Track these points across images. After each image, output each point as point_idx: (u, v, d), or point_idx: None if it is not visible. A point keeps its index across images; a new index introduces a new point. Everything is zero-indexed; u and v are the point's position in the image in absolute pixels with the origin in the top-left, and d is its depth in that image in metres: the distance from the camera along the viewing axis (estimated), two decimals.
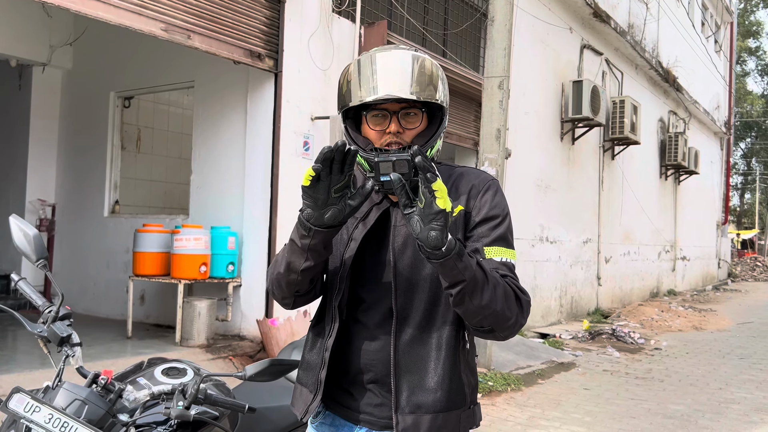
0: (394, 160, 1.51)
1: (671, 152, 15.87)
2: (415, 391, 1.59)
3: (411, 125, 1.61)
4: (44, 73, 8.19)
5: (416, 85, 1.57)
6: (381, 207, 1.69)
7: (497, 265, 1.57)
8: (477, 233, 1.61)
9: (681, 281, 17.87)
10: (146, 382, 2.27)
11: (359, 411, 1.67)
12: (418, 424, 1.58)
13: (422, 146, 1.60)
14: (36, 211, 8.06)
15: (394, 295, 1.60)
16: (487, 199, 1.64)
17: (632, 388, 6.66)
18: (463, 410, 1.62)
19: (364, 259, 1.67)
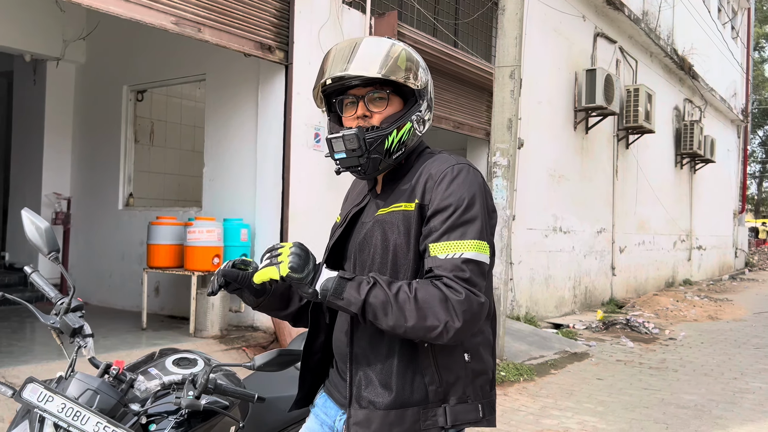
0: (343, 136, 1.59)
1: (687, 140, 15.71)
2: (369, 385, 1.59)
3: (377, 108, 1.63)
4: (58, 68, 8.26)
5: (372, 64, 1.58)
6: (358, 207, 1.75)
7: (439, 263, 1.51)
8: (428, 227, 1.56)
9: (697, 271, 17.73)
10: (157, 372, 2.30)
11: (345, 396, 1.68)
12: (369, 419, 1.57)
13: (386, 127, 1.61)
14: (51, 204, 8.15)
15: None
16: (440, 190, 1.57)
17: (646, 378, 6.63)
18: (425, 407, 1.57)
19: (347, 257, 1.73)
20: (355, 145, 1.58)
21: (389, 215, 1.62)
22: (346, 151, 1.60)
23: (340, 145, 1.60)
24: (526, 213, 9.37)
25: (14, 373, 4.42)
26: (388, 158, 1.63)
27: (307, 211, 6.35)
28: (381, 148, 1.61)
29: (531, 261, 9.70)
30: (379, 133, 1.60)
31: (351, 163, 1.62)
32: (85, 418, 1.88)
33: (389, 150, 1.62)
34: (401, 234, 1.59)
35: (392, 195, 1.66)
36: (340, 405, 1.71)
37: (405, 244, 1.59)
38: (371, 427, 1.57)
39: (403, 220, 1.59)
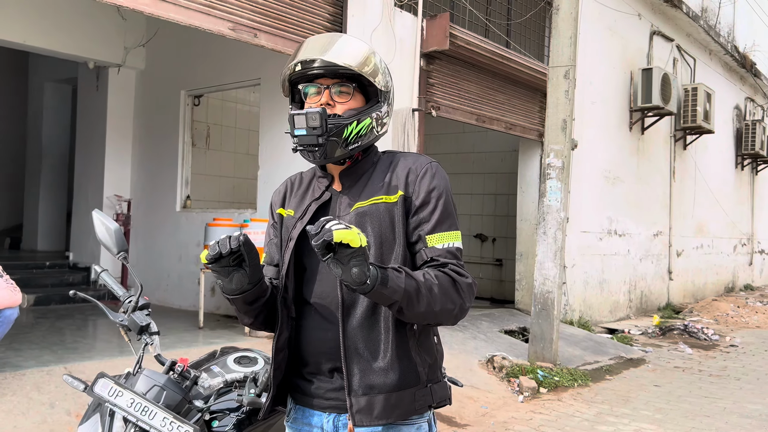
0: (306, 113, 1.63)
1: (748, 141, 15.16)
2: (367, 373, 1.63)
3: (342, 99, 1.70)
4: (119, 74, 8.55)
5: (346, 57, 1.65)
6: (320, 201, 1.76)
7: (440, 252, 1.64)
8: (418, 218, 1.67)
9: (759, 276, 17.09)
10: (219, 370, 2.36)
11: (324, 398, 1.70)
12: (371, 404, 1.62)
13: (347, 117, 1.67)
14: (113, 206, 8.43)
15: (339, 285, 1.64)
16: (425, 182, 1.68)
17: (706, 385, 6.44)
18: (418, 388, 1.66)
19: (309, 253, 1.70)
20: (317, 123, 1.62)
21: (371, 207, 1.67)
22: (306, 129, 1.64)
23: (302, 122, 1.64)
24: (579, 215, 9.21)
25: (80, 369, 4.58)
26: (344, 147, 1.68)
27: None
28: (339, 135, 1.66)
29: (585, 264, 9.52)
30: (340, 120, 1.66)
31: (309, 141, 1.64)
32: (152, 413, 1.95)
33: (347, 139, 1.67)
34: (385, 224, 1.66)
35: (365, 189, 1.71)
36: (322, 408, 1.71)
37: (390, 233, 1.66)
38: (374, 413, 1.62)
39: (386, 211, 1.67)
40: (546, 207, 6.62)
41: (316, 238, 1.39)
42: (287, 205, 1.84)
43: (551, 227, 6.59)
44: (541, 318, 6.55)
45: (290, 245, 1.74)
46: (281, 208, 1.85)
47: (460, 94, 7.61)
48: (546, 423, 5.05)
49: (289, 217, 1.80)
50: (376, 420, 1.62)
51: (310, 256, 1.71)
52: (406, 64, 6.81)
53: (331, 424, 1.70)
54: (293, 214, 1.79)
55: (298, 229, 1.73)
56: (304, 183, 1.86)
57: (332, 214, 1.72)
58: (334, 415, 1.69)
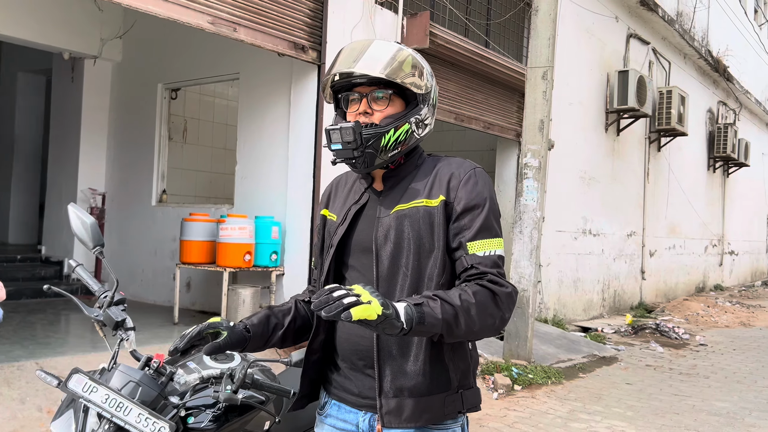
0: (340, 128, 1.66)
1: (720, 144, 15.44)
2: (398, 375, 1.65)
3: (379, 107, 1.69)
4: (95, 66, 8.43)
5: (381, 66, 1.64)
6: (359, 204, 1.78)
7: (481, 260, 1.63)
8: (459, 225, 1.66)
9: (728, 276, 17.43)
10: (196, 366, 2.34)
11: (361, 396, 1.72)
12: (401, 407, 1.64)
13: (384, 125, 1.67)
14: (87, 199, 8.32)
15: (376, 284, 1.67)
16: (468, 189, 1.67)
17: (676, 383, 6.55)
18: (448, 394, 1.67)
19: (348, 257, 1.76)
20: (351, 138, 1.65)
21: (410, 210, 1.68)
22: (342, 143, 1.67)
23: (337, 137, 1.67)
24: (555, 215, 9.30)
25: (52, 364, 4.52)
26: (383, 155, 1.69)
27: None
28: (377, 144, 1.67)
29: (560, 263, 9.63)
30: (377, 130, 1.67)
31: (345, 155, 1.68)
32: (127, 409, 1.93)
33: (385, 147, 1.68)
34: (425, 227, 1.66)
35: (406, 192, 1.72)
36: (358, 406, 1.73)
37: (429, 236, 1.66)
38: (402, 415, 1.63)
39: (425, 214, 1.67)
40: (522, 206, 6.69)
41: (325, 313, 1.36)
42: (331, 207, 1.87)
43: (527, 226, 6.65)
44: (516, 316, 6.61)
45: (330, 252, 1.77)
46: (325, 209, 1.88)
47: (440, 93, 7.64)
48: (520, 420, 5.10)
49: (331, 222, 1.82)
50: (404, 423, 1.63)
51: (350, 257, 1.76)
52: None
53: (367, 423, 1.71)
54: (335, 219, 1.81)
55: (339, 235, 1.76)
56: (348, 183, 1.88)
57: (373, 217, 1.73)
58: (370, 414, 1.70)
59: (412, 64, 1.70)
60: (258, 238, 6.30)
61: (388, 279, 1.68)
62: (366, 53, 1.67)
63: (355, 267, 1.75)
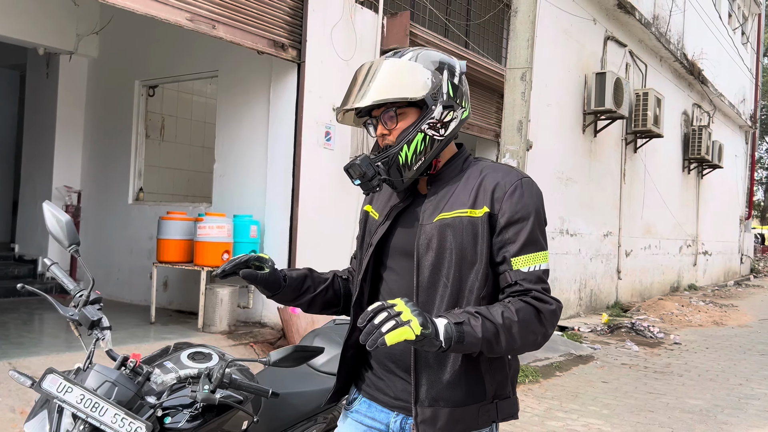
0: (350, 167, 1.70)
1: (695, 145, 15.68)
2: (434, 384, 1.64)
3: (392, 125, 1.70)
4: (71, 62, 8.31)
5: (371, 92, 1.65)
6: (401, 206, 1.77)
7: (525, 276, 1.59)
8: (503, 239, 1.62)
9: (702, 276, 17.70)
10: (173, 365, 2.32)
11: (394, 397, 1.73)
12: (436, 416, 1.63)
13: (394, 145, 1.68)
14: (62, 197, 8.20)
15: (416, 293, 1.66)
16: (513, 201, 1.63)
17: (651, 382, 6.64)
18: (483, 404, 1.65)
19: (387, 257, 1.77)
20: (360, 172, 1.68)
21: (454, 220, 1.65)
22: (360, 179, 1.69)
23: (354, 173, 1.70)
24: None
25: (25, 364, 4.46)
26: (409, 171, 1.69)
27: (317, 209, 6.38)
28: (397, 164, 1.67)
29: None
30: (389, 153, 1.67)
31: (367, 188, 1.71)
32: (103, 410, 1.91)
33: (407, 164, 1.67)
34: (468, 239, 1.64)
35: (449, 199, 1.69)
36: (391, 407, 1.73)
37: (472, 248, 1.63)
38: (437, 425, 1.63)
39: (469, 225, 1.64)
40: None
41: (369, 343, 1.37)
42: (374, 204, 1.87)
43: None
44: None
45: (369, 251, 1.77)
46: (369, 205, 1.89)
47: None
48: None
49: (373, 220, 1.83)
50: (439, 431, 1.63)
51: (389, 258, 1.76)
52: (366, 60, 6.80)
53: (398, 424, 1.72)
54: (377, 218, 1.81)
55: (379, 234, 1.76)
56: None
57: (414, 221, 1.72)
58: (402, 416, 1.71)
59: (408, 71, 1.67)
60: (236, 237, 6.26)
61: (427, 289, 1.66)
62: (366, 81, 1.69)
63: (394, 269, 1.75)
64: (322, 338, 2.77)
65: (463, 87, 1.76)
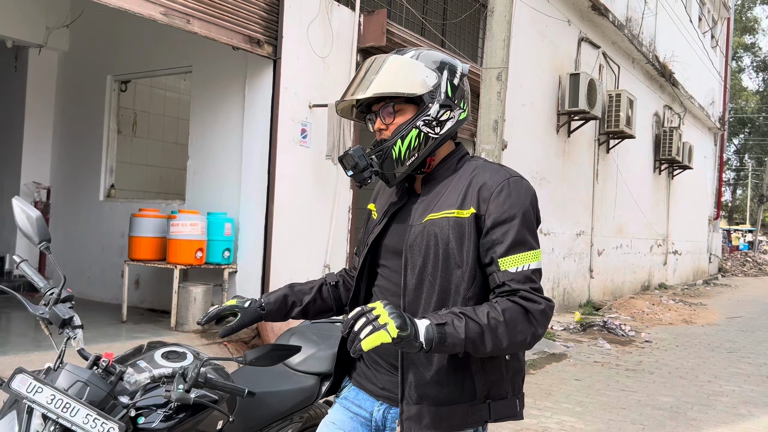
0: (344, 156, 1.74)
1: (666, 147, 15.92)
2: (420, 382, 1.66)
3: (389, 120, 1.72)
4: (40, 55, 8.14)
5: (371, 85, 1.67)
6: (397, 205, 1.80)
7: (513, 276, 1.59)
8: (490, 240, 1.62)
9: (672, 275, 18.00)
10: (146, 365, 2.29)
11: (380, 387, 1.78)
12: (421, 414, 1.64)
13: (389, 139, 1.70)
14: (31, 193, 8.03)
15: (403, 293, 1.69)
16: (499, 202, 1.62)
17: (622, 379, 6.73)
18: (473, 404, 1.64)
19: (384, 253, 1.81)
20: (353, 163, 1.70)
21: (441, 220, 1.66)
22: (352, 170, 1.72)
23: (348, 164, 1.73)
24: None
25: None
26: (401, 166, 1.70)
27: (293, 207, 6.33)
28: (390, 157, 1.69)
29: None
30: (383, 146, 1.70)
31: (359, 179, 1.73)
32: (74, 410, 1.87)
33: (400, 159, 1.69)
34: (454, 239, 1.64)
35: (439, 199, 1.70)
36: (376, 396, 1.78)
37: (458, 249, 1.63)
38: (422, 422, 1.64)
39: (455, 226, 1.64)
40: None
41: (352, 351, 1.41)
42: (378, 203, 1.91)
43: None
44: None
45: (364, 251, 1.83)
46: (372, 203, 1.93)
47: None
48: None
49: (372, 220, 1.87)
50: (424, 429, 1.63)
51: (383, 257, 1.80)
52: (343, 58, 6.79)
53: (381, 413, 1.76)
54: (376, 217, 1.86)
55: (374, 234, 1.80)
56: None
57: (406, 221, 1.74)
58: (385, 405, 1.75)
59: (408, 68, 1.69)
60: (210, 235, 6.19)
61: (414, 289, 1.67)
62: (367, 74, 1.71)
63: (387, 267, 1.79)
64: (299, 337, 2.74)
65: (464, 88, 1.79)
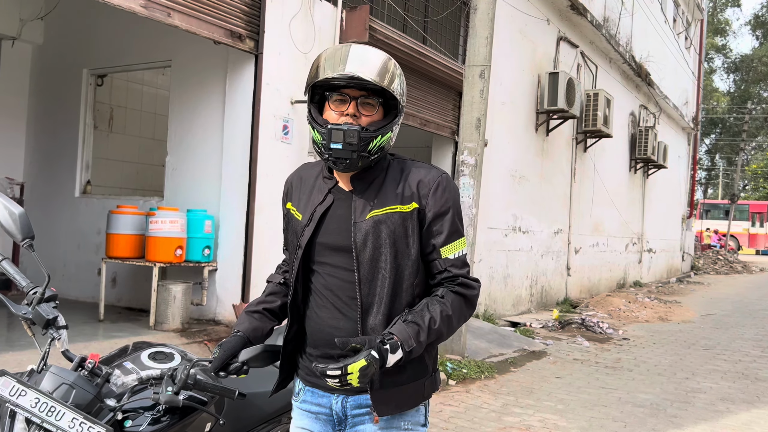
0: (345, 129, 1.72)
1: (641, 146, 16.11)
2: (383, 371, 1.74)
3: (368, 112, 1.77)
4: (13, 48, 7.93)
5: (378, 75, 1.73)
6: (324, 205, 1.85)
7: (453, 262, 1.81)
8: (432, 230, 1.81)
9: (647, 273, 18.22)
10: (133, 366, 2.23)
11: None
12: (390, 396, 1.79)
13: (374, 131, 1.75)
14: (4, 189, 7.82)
15: (358, 287, 1.77)
16: (437, 196, 1.80)
17: (602, 377, 6.78)
18: (427, 378, 1.86)
19: (317, 255, 1.85)
20: (354, 140, 1.72)
21: (386, 216, 1.78)
22: (343, 143, 1.73)
23: (339, 137, 1.72)
24: (487, 212, 9.45)
25: None
26: (366, 160, 1.77)
27: (274, 203, 6.25)
28: (366, 148, 1.75)
29: (491, 260, 9.80)
30: (371, 134, 1.75)
31: (344, 155, 1.73)
32: (60, 414, 1.81)
33: (370, 151, 1.76)
34: (400, 233, 1.79)
35: (378, 196, 1.80)
36: (330, 390, 1.83)
37: (404, 241, 1.79)
38: (391, 404, 1.80)
39: (399, 220, 1.79)
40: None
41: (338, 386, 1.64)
42: (295, 202, 1.93)
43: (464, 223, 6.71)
44: None
45: (299, 253, 1.85)
46: (289, 202, 1.95)
47: None
48: (456, 415, 5.15)
49: (297, 221, 1.89)
50: (396, 409, 1.81)
51: (319, 255, 1.84)
52: None
53: (339, 404, 1.85)
54: (301, 219, 1.87)
55: (306, 236, 1.84)
56: (309, 179, 1.94)
57: (344, 218, 1.81)
58: (342, 396, 1.84)
59: (398, 75, 1.79)
60: (190, 232, 6.10)
61: (369, 282, 1.78)
62: (355, 56, 1.74)
63: (327, 264, 1.84)
64: None
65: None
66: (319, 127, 1.76)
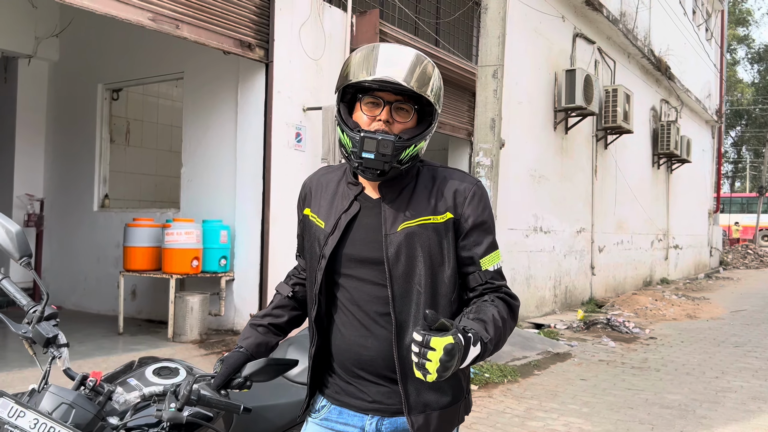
0: (380, 139, 1.60)
1: (663, 141, 15.85)
2: (422, 392, 1.69)
3: (401, 118, 1.66)
4: (30, 66, 8.05)
5: (415, 80, 1.60)
6: (349, 213, 1.73)
7: (493, 275, 1.71)
8: (470, 241, 1.70)
9: (673, 270, 17.92)
10: (137, 383, 2.19)
11: (367, 400, 1.74)
12: (428, 421, 1.69)
13: (408, 139, 1.64)
14: (24, 206, 7.94)
15: (392, 303, 1.66)
16: (474, 206, 1.70)
17: (629, 377, 6.63)
18: (463, 401, 1.77)
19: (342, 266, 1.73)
20: (388, 151, 1.61)
21: (419, 228, 1.67)
22: (375, 154, 1.61)
23: (372, 146, 1.61)
24: (507, 213, 9.34)
25: None
26: (396, 170, 1.67)
27: (289, 212, 6.23)
28: (398, 157, 1.64)
29: (512, 261, 9.68)
30: (405, 143, 1.64)
31: (375, 166, 1.63)
32: None
33: (401, 160, 1.66)
34: (434, 245, 1.68)
35: (409, 206, 1.69)
36: (364, 410, 1.74)
37: (439, 254, 1.68)
38: (431, 427, 1.69)
39: (434, 232, 1.68)
40: None
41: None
42: (313, 208, 1.82)
43: None
44: None
45: (322, 264, 1.73)
46: (308, 208, 1.84)
47: None
48: (478, 420, 5.05)
49: (318, 228, 1.77)
50: None
51: (344, 267, 1.72)
52: (336, 60, 6.70)
53: (374, 426, 1.73)
54: (323, 227, 1.75)
55: (331, 245, 1.72)
56: (330, 185, 1.82)
57: (373, 228, 1.70)
58: (377, 417, 1.73)
59: (436, 81, 1.67)
60: (206, 243, 6.10)
61: (402, 297, 1.67)
62: (392, 58, 1.61)
63: (353, 277, 1.72)
64: (297, 347, 2.65)
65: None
66: (349, 131, 1.64)
